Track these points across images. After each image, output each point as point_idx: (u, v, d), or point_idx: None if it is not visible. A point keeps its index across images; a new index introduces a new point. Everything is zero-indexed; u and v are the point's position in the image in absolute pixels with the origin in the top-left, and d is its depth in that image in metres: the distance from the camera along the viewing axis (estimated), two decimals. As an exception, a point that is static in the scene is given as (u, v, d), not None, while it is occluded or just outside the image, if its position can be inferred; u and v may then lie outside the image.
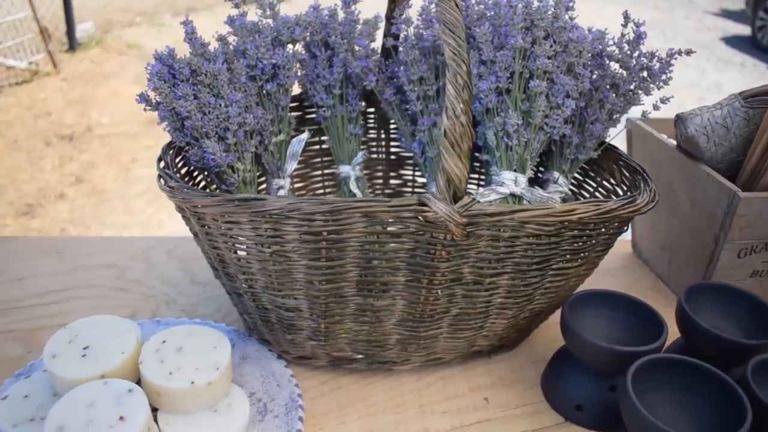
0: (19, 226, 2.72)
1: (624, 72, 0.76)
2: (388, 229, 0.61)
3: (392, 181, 0.98)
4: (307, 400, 0.70)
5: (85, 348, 0.63)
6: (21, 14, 4.45)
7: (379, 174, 0.98)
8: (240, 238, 0.63)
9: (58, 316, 0.82)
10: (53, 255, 0.93)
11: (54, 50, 4.51)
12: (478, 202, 0.59)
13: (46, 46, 4.47)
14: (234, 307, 0.78)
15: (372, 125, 0.95)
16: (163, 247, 0.95)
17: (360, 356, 0.74)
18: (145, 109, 0.72)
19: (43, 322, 0.81)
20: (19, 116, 3.80)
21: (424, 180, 0.86)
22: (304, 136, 0.84)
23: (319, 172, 0.95)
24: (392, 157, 0.97)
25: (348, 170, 0.87)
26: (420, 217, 0.59)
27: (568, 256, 0.67)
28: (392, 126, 0.95)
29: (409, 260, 0.62)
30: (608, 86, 0.76)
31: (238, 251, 0.65)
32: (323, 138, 0.92)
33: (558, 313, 0.73)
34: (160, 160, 0.70)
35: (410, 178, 0.98)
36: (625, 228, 0.70)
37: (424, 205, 0.58)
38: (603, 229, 0.67)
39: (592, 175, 0.83)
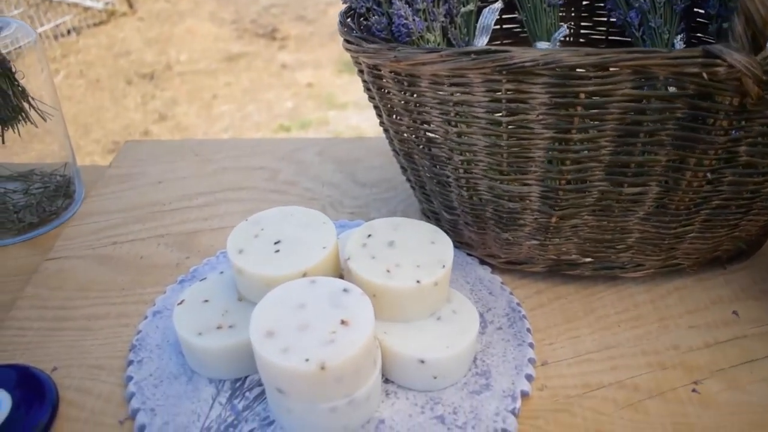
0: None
1: None
2: (656, 93, 0.47)
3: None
4: (524, 311, 0.58)
5: (276, 242, 0.51)
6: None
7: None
8: (464, 107, 0.49)
9: (211, 219, 0.70)
10: (191, 157, 0.82)
11: (128, -10, 4.43)
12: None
13: (120, -14, 4.39)
14: (413, 208, 0.65)
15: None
16: (312, 148, 0.83)
17: (588, 260, 0.60)
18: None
19: (196, 225, 0.70)
20: (100, 56, 3.74)
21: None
22: (497, 5, 0.70)
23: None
24: (581, 39, 0.82)
25: (547, 48, 0.72)
26: (705, 74, 0.44)
27: None
28: (584, 1, 0.80)
29: (677, 134, 0.48)
30: None
31: (459, 124, 0.51)
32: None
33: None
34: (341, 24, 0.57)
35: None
36: None
37: (715, 56, 0.43)
38: None
39: None
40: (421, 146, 0.57)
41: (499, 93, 0.48)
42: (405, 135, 0.58)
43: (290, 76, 3.49)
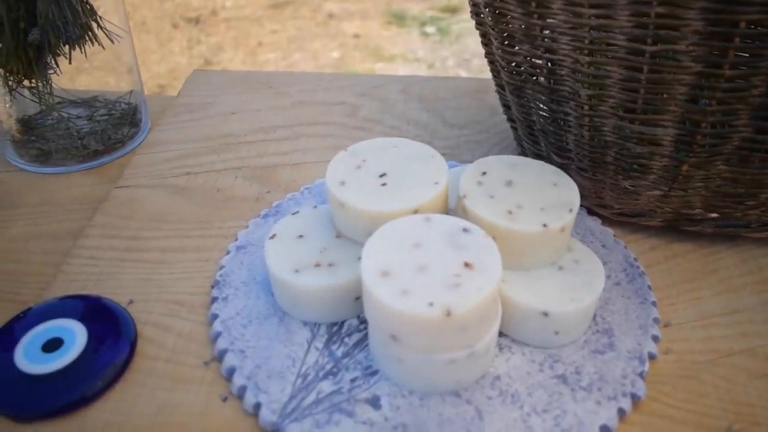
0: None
1: None
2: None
3: None
4: (642, 267, 0.52)
5: (381, 176, 0.46)
6: None
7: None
8: (602, 33, 0.43)
9: (290, 154, 0.65)
10: (264, 89, 0.77)
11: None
12: None
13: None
14: (509, 151, 0.60)
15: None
16: (394, 86, 0.77)
17: (713, 215, 0.54)
18: None
19: (275, 159, 0.65)
20: (145, -1, 3.70)
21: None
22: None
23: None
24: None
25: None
26: None
27: None
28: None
29: None
30: None
31: (594, 53, 0.45)
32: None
33: None
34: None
35: None
36: None
37: None
38: None
39: None
40: (538, 78, 0.51)
41: (647, 18, 0.42)
42: (520, 66, 0.52)
43: (336, 26, 3.42)
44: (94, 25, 0.67)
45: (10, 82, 0.67)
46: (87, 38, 0.67)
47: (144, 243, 0.55)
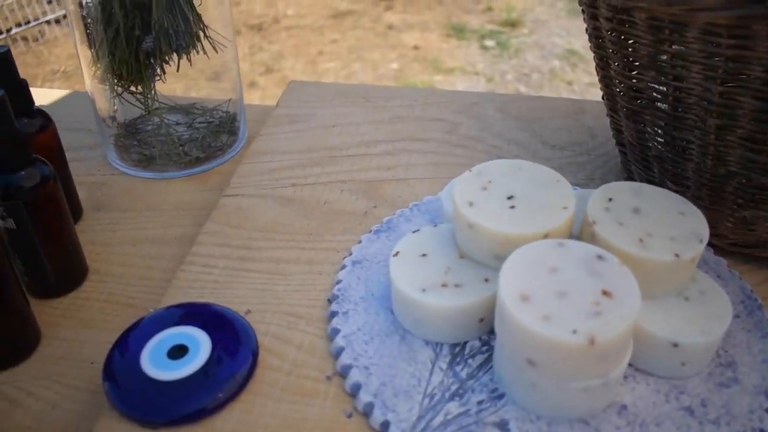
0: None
1: None
2: None
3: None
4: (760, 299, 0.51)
5: (509, 198, 0.46)
6: None
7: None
8: (738, 63, 0.43)
9: (394, 169, 0.66)
10: (362, 103, 0.78)
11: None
12: None
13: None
14: (613, 174, 0.60)
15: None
16: (491, 103, 0.77)
17: (836, 249, 0.53)
18: None
19: (379, 174, 0.65)
20: (209, 4, 3.75)
21: None
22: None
23: None
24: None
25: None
26: None
27: None
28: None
29: None
30: None
31: (726, 83, 0.45)
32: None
33: None
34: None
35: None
36: None
37: None
38: None
39: None
40: (660, 105, 0.50)
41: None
42: (641, 92, 0.52)
43: (396, 37, 3.43)
44: (201, 33, 0.69)
45: (118, 87, 0.69)
46: (194, 47, 0.68)
47: (256, 253, 0.56)
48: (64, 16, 3.39)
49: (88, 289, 0.56)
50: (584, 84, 2.91)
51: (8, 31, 3.19)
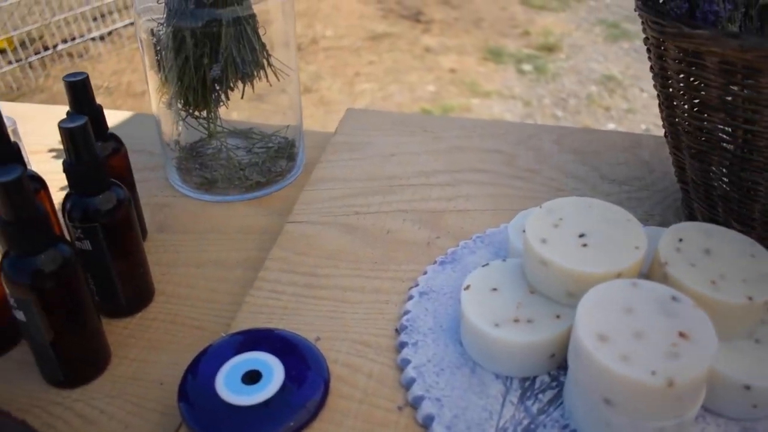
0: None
1: None
2: None
3: None
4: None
5: (581, 236, 0.47)
6: None
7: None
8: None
9: (455, 200, 0.67)
10: (420, 133, 0.79)
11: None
12: None
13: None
14: (671, 211, 0.60)
15: None
16: (548, 135, 0.78)
17: None
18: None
19: (440, 204, 0.66)
20: (248, 23, 3.80)
21: None
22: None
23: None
24: None
25: None
26: None
27: None
28: None
29: None
30: None
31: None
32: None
33: None
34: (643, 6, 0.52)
35: None
36: None
37: None
38: None
39: None
40: (727, 146, 0.51)
41: None
42: (710, 133, 0.53)
43: (433, 59, 3.46)
44: (265, 62, 0.71)
45: (182, 112, 0.71)
46: (259, 75, 0.70)
47: (322, 280, 0.57)
48: (109, 33, 3.46)
49: (155, 310, 0.57)
50: (622, 110, 2.91)
51: (55, 47, 3.26)
